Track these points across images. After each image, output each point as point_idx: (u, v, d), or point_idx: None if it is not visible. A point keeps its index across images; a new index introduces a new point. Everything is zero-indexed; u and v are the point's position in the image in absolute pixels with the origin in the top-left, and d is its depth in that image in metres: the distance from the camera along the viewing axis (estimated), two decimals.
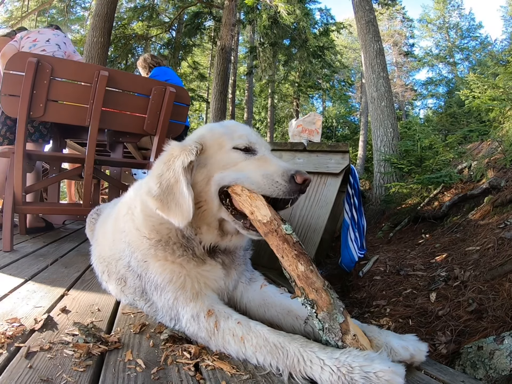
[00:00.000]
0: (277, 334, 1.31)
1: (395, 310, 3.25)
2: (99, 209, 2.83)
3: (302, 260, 1.30)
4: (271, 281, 2.03)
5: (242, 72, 28.25)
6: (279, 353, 1.24)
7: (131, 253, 1.65)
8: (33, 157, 3.59)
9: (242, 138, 1.57)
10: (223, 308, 1.49)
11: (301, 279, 1.28)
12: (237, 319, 1.39)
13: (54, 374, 1.13)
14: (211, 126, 1.70)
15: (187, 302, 1.48)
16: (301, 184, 1.45)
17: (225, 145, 1.56)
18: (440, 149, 7.93)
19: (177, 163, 1.48)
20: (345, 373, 1.12)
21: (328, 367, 1.15)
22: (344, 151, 3.22)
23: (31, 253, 3.07)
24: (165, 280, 1.53)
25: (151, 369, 1.19)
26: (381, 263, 4.49)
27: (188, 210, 1.44)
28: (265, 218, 1.38)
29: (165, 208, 1.47)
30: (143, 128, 3.49)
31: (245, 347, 1.31)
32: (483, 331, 2.56)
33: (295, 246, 1.33)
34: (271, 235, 1.36)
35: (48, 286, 2.12)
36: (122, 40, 16.13)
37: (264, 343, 1.28)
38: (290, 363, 1.21)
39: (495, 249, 3.62)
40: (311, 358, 1.20)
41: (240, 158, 1.54)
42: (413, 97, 35.18)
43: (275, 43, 15.39)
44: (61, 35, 4.43)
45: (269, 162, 1.52)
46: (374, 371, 1.10)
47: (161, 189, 1.48)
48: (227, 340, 1.35)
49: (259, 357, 1.28)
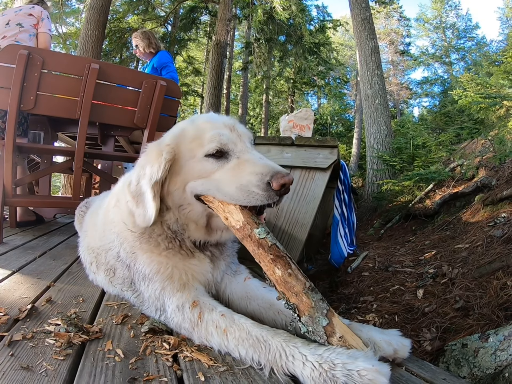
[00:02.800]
0: (260, 328, 1.31)
1: (382, 306, 3.27)
2: (88, 202, 2.83)
3: (279, 264, 1.27)
4: (257, 275, 2.05)
5: (237, 68, 28.17)
6: (262, 347, 1.24)
7: (120, 244, 1.67)
8: (23, 150, 3.57)
9: (213, 141, 1.47)
10: (208, 300, 1.50)
11: (280, 284, 1.27)
12: (221, 312, 1.40)
13: (34, 362, 1.15)
14: (183, 126, 1.63)
15: (174, 293, 1.50)
16: (278, 190, 1.35)
17: (196, 154, 1.50)
18: (432, 147, 7.98)
19: (147, 175, 1.51)
20: (327, 370, 1.11)
21: (310, 363, 1.14)
22: (332, 146, 3.23)
23: (20, 245, 3.07)
24: (152, 271, 1.55)
25: (129, 359, 1.21)
26: (370, 260, 4.52)
27: (149, 218, 1.51)
28: (238, 223, 1.35)
29: (134, 204, 1.56)
30: (134, 122, 3.48)
31: (227, 340, 1.31)
32: (469, 328, 2.57)
33: (270, 249, 1.29)
34: (246, 241, 1.34)
35: (34, 278, 2.13)
36: (117, 34, 16.04)
37: (247, 336, 1.28)
38: (272, 358, 1.21)
39: (484, 247, 3.65)
40: (293, 353, 1.19)
41: (213, 167, 1.47)
42: (408, 95, 35.21)
43: (271, 39, 15.35)
44: (24, 8, 4.06)
45: (243, 169, 1.42)
46: (357, 369, 1.09)
47: (136, 189, 1.55)
48: (210, 332, 1.35)
49: (241, 350, 1.27)
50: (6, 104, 2.98)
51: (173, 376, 1.13)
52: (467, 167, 6.33)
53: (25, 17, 4.00)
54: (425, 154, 8.19)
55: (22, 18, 3.97)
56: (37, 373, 1.09)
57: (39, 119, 4.14)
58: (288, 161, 3.37)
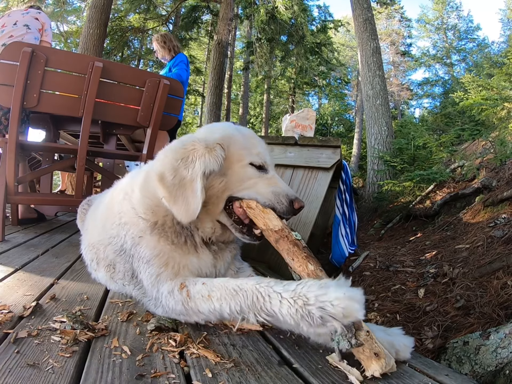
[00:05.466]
0: (234, 280, 1.38)
1: (383, 305, 3.28)
2: (90, 199, 2.83)
3: (312, 261, 1.37)
4: (260, 274, 2.05)
5: (238, 67, 28.19)
6: (240, 296, 1.30)
7: (126, 231, 1.67)
8: (25, 147, 3.58)
9: (259, 156, 1.68)
10: (192, 278, 1.53)
11: (311, 277, 1.33)
12: (203, 281, 1.46)
13: (40, 359, 1.14)
14: (230, 132, 1.73)
15: (166, 280, 1.53)
16: (297, 209, 1.62)
17: (244, 159, 1.65)
18: (433, 148, 7.98)
19: (199, 164, 1.52)
20: (301, 306, 1.15)
21: (286, 300, 1.20)
22: (335, 146, 3.23)
23: (22, 243, 3.06)
24: (153, 254, 1.57)
25: (136, 356, 1.21)
26: (371, 259, 4.52)
27: (195, 211, 1.50)
28: (276, 227, 1.51)
29: (172, 200, 1.51)
30: (137, 120, 3.48)
31: (213, 303, 1.36)
32: (470, 327, 2.58)
33: (304, 249, 1.42)
34: (282, 240, 1.46)
35: (38, 276, 2.12)
36: (118, 32, 16.00)
37: (226, 292, 1.35)
38: (251, 303, 1.27)
39: (484, 247, 3.66)
40: (268, 293, 1.25)
41: (254, 174, 1.65)
42: (408, 96, 35.20)
43: (272, 38, 15.32)
44: (32, 12, 4.14)
45: (276, 183, 1.67)
46: (330, 300, 1.12)
47: (173, 182, 1.51)
48: (199, 304, 1.40)
49: (225, 307, 1.34)
50: (9, 102, 2.98)
51: (180, 372, 1.13)
52: (467, 168, 6.33)
53: (32, 20, 4.03)
54: (425, 155, 8.20)
55: (29, 20, 4.01)
56: (43, 370, 1.08)
57: (41, 116, 4.13)
58: (291, 160, 3.37)
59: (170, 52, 5.29)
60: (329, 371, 1.20)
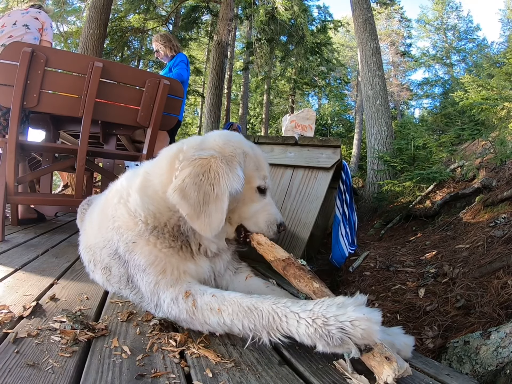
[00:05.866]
0: (249, 298, 1.35)
1: (383, 305, 3.27)
2: (90, 200, 2.82)
3: (316, 280, 1.47)
4: (260, 274, 2.05)
5: (238, 68, 28.16)
6: (254, 314, 1.28)
7: (120, 236, 1.64)
8: (25, 147, 3.57)
9: (265, 180, 1.79)
10: (198, 286, 1.51)
11: (317, 293, 1.41)
12: (212, 293, 1.43)
13: (40, 359, 1.14)
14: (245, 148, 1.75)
15: (167, 287, 1.50)
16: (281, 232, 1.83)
17: (253, 181, 1.74)
18: (433, 149, 7.98)
19: (224, 183, 1.52)
20: (321, 326, 1.14)
21: (304, 320, 1.18)
22: (335, 146, 3.22)
23: (22, 243, 3.06)
24: (147, 262, 1.55)
25: (136, 356, 1.21)
26: (371, 259, 4.52)
27: (218, 226, 1.53)
28: (283, 256, 1.63)
29: (195, 216, 1.50)
30: (137, 120, 3.48)
31: (223, 318, 1.34)
32: (470, 326, 2.57)
33: (309, 272, 1.53)
34: (289, 267, 1.57)
35: (38, 276, 2.12)
36: (118, 33, 16.00)
37: (239, 308, 1.32)
38: (266, 323, 1.25)
39: (484, 247, 3.65)
40: (285, 313, 1.24)
41: (257, 199, 1.77)
42: (408, 96, 35.19)
43: (272, 39, 15.32)
44: (32, 11, 4.09)
45: (269, 210, 1.80)
46: (350, 320, 1.11)
47: (198, 200, 1.49)
48: (206, 315, 1.38)
49: (237, 323, 1.31)
50: (9, 102, 2.98)
51: (180, 372, 1.13)
52: (467, 168, 6.33)
53: (32, 20, 4.00)
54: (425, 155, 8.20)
55: (29, 20, 3.98)
56: (43, 370, 1.08)
57: (41, 117, 4.13)
58: (291, 160, 3.37)
59: (170, 52, 5.29)
60: (330, 371, 1.20)
